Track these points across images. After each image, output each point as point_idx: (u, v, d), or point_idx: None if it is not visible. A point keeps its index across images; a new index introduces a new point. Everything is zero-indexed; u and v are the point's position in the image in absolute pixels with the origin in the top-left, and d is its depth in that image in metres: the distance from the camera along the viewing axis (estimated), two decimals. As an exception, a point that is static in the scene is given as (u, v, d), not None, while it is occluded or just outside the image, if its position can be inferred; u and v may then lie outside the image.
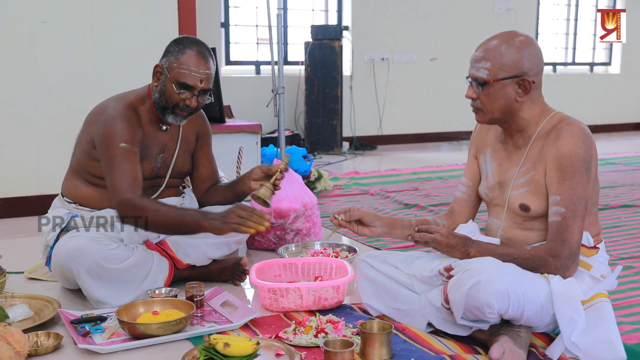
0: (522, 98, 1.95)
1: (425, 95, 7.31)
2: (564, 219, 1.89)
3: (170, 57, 2.36)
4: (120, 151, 2.30)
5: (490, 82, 1.93)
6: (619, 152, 6.66)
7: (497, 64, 1.92)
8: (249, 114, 6.11)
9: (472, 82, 1.99)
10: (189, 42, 2.38)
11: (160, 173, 2.53)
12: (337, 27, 6.49)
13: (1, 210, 3.69)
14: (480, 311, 1.84)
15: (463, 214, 2.25)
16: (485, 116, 2.00)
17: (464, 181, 2.25)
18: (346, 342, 1.89)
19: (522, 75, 1.93)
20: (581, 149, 1.89)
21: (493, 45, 1.94)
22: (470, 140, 2.25)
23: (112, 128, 2.32)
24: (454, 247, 2.00)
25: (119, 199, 2.27)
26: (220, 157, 3.62)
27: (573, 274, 1.92)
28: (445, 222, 2.25)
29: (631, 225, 3.61)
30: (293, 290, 2.26)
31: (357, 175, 5.25)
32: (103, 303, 2.27)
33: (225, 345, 1.82)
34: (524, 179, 2.00)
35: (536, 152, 1.97)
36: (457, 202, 2.27)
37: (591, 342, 1.85)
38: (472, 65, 1.98)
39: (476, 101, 2.00)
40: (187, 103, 2.36)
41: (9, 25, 3.63)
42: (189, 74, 2.33)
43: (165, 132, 2.50)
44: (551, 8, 8.36)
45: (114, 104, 2.40)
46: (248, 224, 2.17)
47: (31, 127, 3.72)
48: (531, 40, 1.95)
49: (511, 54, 1.92)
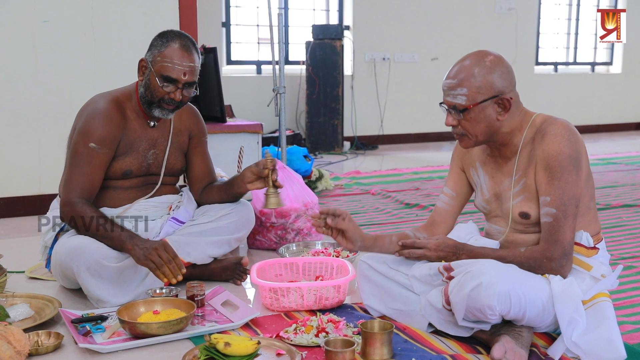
0: (502, 116, 1.94)
1: (426, 95, 7.30)
2: (555, 220, 1.89)
3: (154, 50, 2.38)
4: (87, 151, 2.35)
5: (470, 107, 1.92)
6: (620, 152, 6.66)
7: (473, 88, 1.90)
8: (250, 113, 6.11)
9: (449, 110, 1.97)
10: (173, 35, 2.38)
11: (153, 170, 2.53)
12: (338, 27, 6.49)
13: (2, 210, 3.69)
14: (482, 313, 1.84)
15: (443, 225, 2.22)
16: (470, 140, 1.99)
17: (447, 192, 2.22)
18: (347, 341, 1.89)
19: (500, 94, 1.92)
20: (566, 146, 1.88)
21: (465, 70, 1.92)
22: (453, 152, 2.23)
23: (89, 125, 2.36)
24: (444, 257, 2.01)
25: (65, 199, 2.33)
26: (221, 157, 3.64)
27: (569, 271, 1.93)
28: (424, 234, 2.22)
29: (632, 225, 3.60)
30: (294, 289, 2.26)
31: (358, 175, 5.25)
32: (103, 302, 2.27)
33: (226, 344, 1.82)
34: (518, 187, 1.99)
35: (525, 159, 1.97)
36: (438, 213, 2.23)
37: (592, 341, 1.84)
38: (446, 93, 1.96)
39: (457, 127, 1.98)
40: (171, 96, 2.37)
41: (10, 24, 3.63)
42: (172, 67, 2.34)
43: (155, 128, 2.51)
44: (552, 7, 8.35)
45: (98, 99, 2.44)
46: (163, 269, 2.17)
47: (32, 126, 3.72)
48: (500, 58, 1.94)
49: (484, 76, 1.90)
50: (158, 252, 2.18)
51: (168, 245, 2.22)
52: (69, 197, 2.33)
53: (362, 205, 4.12)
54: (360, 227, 2.19)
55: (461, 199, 2.22)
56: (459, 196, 2.21)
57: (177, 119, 2.59)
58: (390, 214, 3.88)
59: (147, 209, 2.52)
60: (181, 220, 2.59)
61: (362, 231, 2.19)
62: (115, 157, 2.42)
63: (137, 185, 2.51)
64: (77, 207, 2.30)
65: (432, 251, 2.02)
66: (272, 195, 2.42)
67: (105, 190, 2.45)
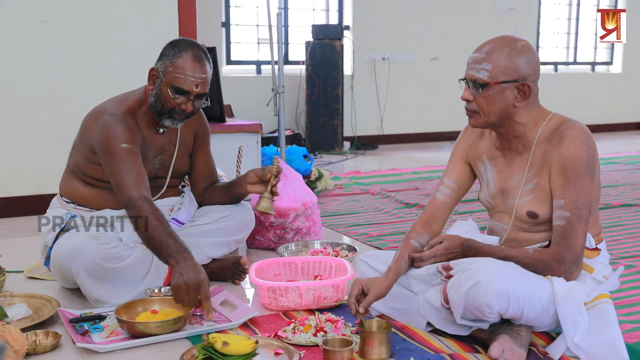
0: (520, 103, 1.92)
1: (426, 95, 7.30)
2: (569, 223, 1.87)
3: (165, 60, 2.32)
4: (123, 151, 2.28)
5: (491, 84, 1.89)
6: (621, 152, 6.65)
7: (498, 66, 1.88)
8: (249, 113, 6.10)
9: (468, 84, 1.94)
10: (185, 45, 2.33)
11: (159, 174, 2.52)
12: (338, 27, 6.49)
13: (1, 210, 3.69)
14: (480, 311, 1.84)
15: (441, 219, 2.17)
16: (481, 119, 1.96)
17: (448, 183, 2.16)
18: (345, 340, 1.89)
19: (522, 80, 1.90)
20: (584, 152, 1.88)
21: (495, 48, 1.90)
22: (457, 142, 2.19)
23: (112, 130, 2.30)
24: (454, 258, 2.01)
25: (126, 197, 2.23)
26: (221, 157, 3.63)
27: (577, 278, 1.91)
28: (426, 238, 2.12)
29: (632, 224, 3.60)
30: (292, 289, 2.26)
31: (357, 175, 5.25)
32: (102, 302, 2.26)
33: (224, 344, 1.82)
34: (530, 185, 1.97)
35: (539, 158, 1.95)
36: (438, 206, 2.17)
37: (594, 343, 1.84)
38: (470, 66, 1.94)
39: (472, 103, 1.95)
40: (182, 107, 2.32)
41: (9, 24, 3.63)
42: (185, 79, 2.29)
43: (162, 135, 2.49)
44: (552, 7, 8.34)
45: (112, 109, 2.37)
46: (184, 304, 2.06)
47: (31, 126, 3.72)
48: (531, 46, 1.93)
49: (513, 58, 1.88)
50: (188, 290, 2.03)
51: (204, 286, 2.05)
52: (128, 196, 2.22)
53: (361, 205, 4.12)
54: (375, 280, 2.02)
55: (461, 192, 2.18)
56: (460, 189, 2.17)
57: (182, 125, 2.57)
58: (390, 214, 3.88)
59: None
60: (181, 221, 2.59)
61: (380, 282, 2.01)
62: None
63: None
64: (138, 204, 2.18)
65: (442, 256, 2.01)
66: (265, 199, 2.44)
67: (110, 192, 2.40)
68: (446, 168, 2.20)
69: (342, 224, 3.61)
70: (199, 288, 2.04)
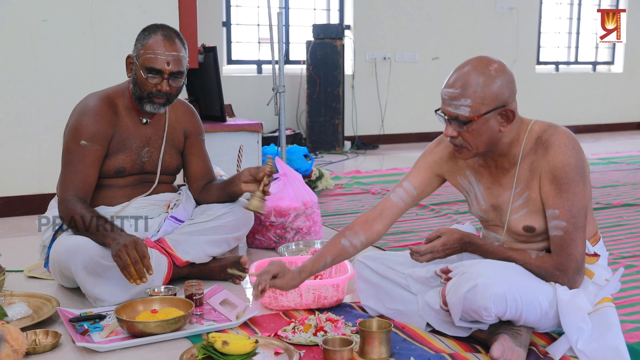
0: (505, 128, 1.85)
1: (427, 95, 7.29)
2: (567, 233, 1.83)
3: (137, 45, 2.40)
4: (79, 149, 2.36)
5: (474, 119, 1.81)
6: (622, 151, 6.65)
7: (477, 99, 1.79)
8: (250, 113, 6.10)
9: (449, 120, 1.86)
10: (155, 27, 2.40)
11: (149, 168, 2.54)
12: (338, 26, 6.48)
13: (1, 209, 3.69)
14: (478, 314, 1.83)
15: (388, 221, 2.09)
16: (470, 153, 1.89)
17: (407, 188, 2.09)
18: (345, 340, 1.88)
19: (504, 105, 1.82)
20: (572, 157, 1.83)
21: (469, 81, 1.80)
22: (428, 153, 2.12)
23: (79, 122, 2.38)
24: (453, 253, 2.00)
25: (60, 198, 2.36)
26: (221, 156, 3.64)
27: (580, 285, 1.90)
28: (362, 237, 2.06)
29: (633, 224, 3.59)
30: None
31: (358, 175, 5.25)
32: (101, 300, 2.26)
33: (224, 343, 1.82)
34: (520, 200, 1.93)
35: (527, 171, 1.90)
36: (389, 207, 2.09)
37: (598, 349, 1.83)
38: (447, 102, 1.84)
39: (457, 139, 1.87)
40: (158, 88, 2.37)
41: (10, 24, 3.63)
42: (155, 58, 2.34)
43: (148, 126, 2.51)
44: (553, 7, 8.33)
45: (90, 97, 2.46)
46: (129, 269, 2.12)
47: (32, 125, 3.72)
48: (503, 65, 1.84)
49: (490, 87, 1.79)
50: (127, 249, 2.12)
51: (140, 243, 2.15)
52: (64, 196, 2.35)
53: (362, 205, 4.12)
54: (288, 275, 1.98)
55: (418, 199, 2.12)
56: (418, 196, 2.11)
57: (172, 117, 2.59)
58: (390, 214, 3.86)
59: (145, 207, 2.52)
60: (180, 219, 2.59)
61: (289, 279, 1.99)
62: (108, 155, 2.43)
63: (133, 184, 2.51)
64: (70, 205, 2.31)
65: (440, 252, 1.97)
66: (256, 198, 2.44)
67: (101, 189, 2.45)
68: (409, 172, 2.13)
69: (342, 223, 3.60)
70: (136, 245, 2.13)
